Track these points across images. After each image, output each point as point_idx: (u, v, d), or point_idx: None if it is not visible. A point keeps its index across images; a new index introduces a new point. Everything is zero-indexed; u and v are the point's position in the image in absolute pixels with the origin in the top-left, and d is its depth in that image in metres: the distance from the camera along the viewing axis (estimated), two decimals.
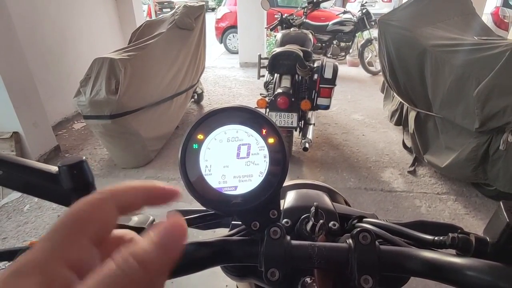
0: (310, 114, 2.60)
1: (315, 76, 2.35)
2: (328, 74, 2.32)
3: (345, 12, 5.54)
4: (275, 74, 2.56)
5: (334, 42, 5.30)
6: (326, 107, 2.46)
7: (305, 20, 3.71)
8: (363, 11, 5.07)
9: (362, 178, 2.55)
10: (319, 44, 5.30)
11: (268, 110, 2.33)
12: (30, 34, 3.10)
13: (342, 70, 4.42)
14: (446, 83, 2.18)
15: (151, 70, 2.75)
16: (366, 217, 0.45)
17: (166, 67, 2.97)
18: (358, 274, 0.32)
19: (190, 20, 3.30)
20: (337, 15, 5.62)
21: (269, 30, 3.81)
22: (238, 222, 0.44)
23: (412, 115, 2.67)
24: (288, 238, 0.35)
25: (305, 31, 3.12)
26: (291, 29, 3.28)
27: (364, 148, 3.01)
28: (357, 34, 5.31)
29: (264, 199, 0.34)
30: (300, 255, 0.34)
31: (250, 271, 0.41)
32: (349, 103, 4.11)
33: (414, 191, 2.39)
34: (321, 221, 0.39)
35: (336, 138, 3.21)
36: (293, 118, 2.34)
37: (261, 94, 2.89)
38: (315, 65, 2.38)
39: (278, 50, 2.44)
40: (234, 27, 6.80)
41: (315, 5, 3.89)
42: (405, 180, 2.53)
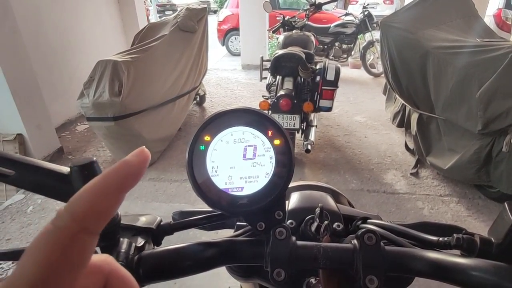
0: (312, 116, 2.60)
1: (317, 78, 2.36)
2: (330, 76, 2.32)
3: (347, 14, 5.54)
4: (277, 76, 2.57)
5: (336, 44, 5.31)
6: (328, 109, 2.46)
7: (307, 22, 3.72)
8: (365, 13, 5.07)
9: (365, 180, 2.54)
10: (321, 46, 5.31)
11: (270, 112, 2.33)
12: (35, 36, 3.13)
13: (344, 72, 4.42)
14: (448, 85, 2.18)
15: (154, 72, 2.76)
16: (370, 218, 0.46)
17: (168, 69, 2.98)
18: (363, 274, 0.32)
19: (192, 22, 3.31)
20: (339, 17, 5.62)
21: (271, 32, 3.82)
22: (243, 223, 0.45)
23: (414, 117, 2.66)
24: (293, 238, 0.35)
25: (307, 33, 3.13)
26: (293, 31, 3.29)
27: (366, 150, 3.01)
28: (359, 36, 5.31)
29: (270, 200, 0.35)
30: (305, 256, 0.34)
31: (255, 272, 0.42)
32: (351, 105, 4.11)
33: (416, 193, 2.38)
34: (326, 222, 0.40)
35: (338, 140, 3.21)
36: (295, 120, 2.34)
37: (263, 96, 2.89)
38: (317, 67, 2.39)
39: (280, 52, 2.44)
40: (236, 29, 6.82)
41: (317, 7, 3.89)
42: (407, 182, 2.52)
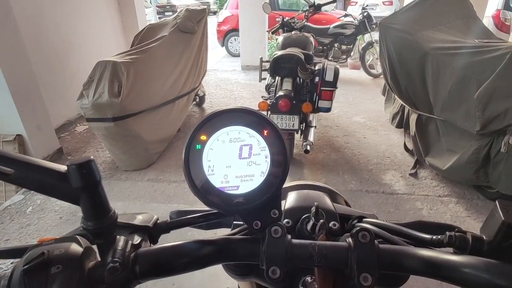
0: (311, 117, 2.61)
1: (316, 78, 2.36)
2: (329, 76, 2.33)
3: (346, 15, 5.55)
4: (277, 77, 2.58)
5: (335, 45, 5.31)
6: (328, 110, 2.47)
7: (306, 23, 3.72)
8: (364, 14, 5.08)
9: (364, 181, 2.55)
10: (321, 47, 5.32)
11: (269, 112, 2.34)
12: (35, 37, 3.13)
13: (343, 73, 4.44)
14: (447, 86, 2.18)
15: (154, 73, 2.77)
16: (366, 217, 0.46)
17: (168, 70, 2.99)
18: (357, 272, 0.32)
19: (192, 23, 3.32)
20: (338, 18, 5.64)
21: (270, 33, 3.83)
22: (240, 222, 0.45)
23: (413, 118, 2.67)
24: (289, 237, 0.35)
25: (306, 34, 3.14)
26: (293, 32, 3.29)
27: (365, 150, 3.01)
28: (358, 37, 5.32)
29: (265, 199, 0.35)
30: (300, 254, 0.34)
31: (252, 270, 0.42)
32: (350, 106, 4.12)
33: (415, 194, 2.38)
34: (321, 220, 0.40)
35: (337, 140, 3.21)
36: (294, 121, 2.35)
37: (262, 97, 2.90)
38: (316, 68, 2.40)
39: (280, 53, 2.45)
40: (235, 30, 6.83)
41: (316, 8, 3.91)
42: (406, 182, 2.52)
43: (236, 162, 0.35)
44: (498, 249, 0.32)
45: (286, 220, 0.46)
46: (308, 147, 2.36)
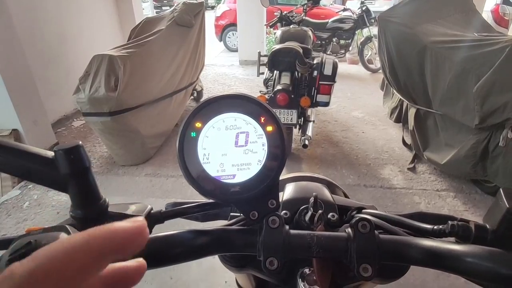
0: (309, 111, 2.59)
1: (315, 73, 2.35)
2: (327, 70, 2.31)
3: (344, 9, 5.52)
4: (275, 71, 2.55)
5: (334, 39, 5.28)
6: (326, 104, 2.45)
7: (304, 17, 3.69)
8: (363, 9, 5.05)
9: (362, 175, 2.55)
10: (319, 41, 5.29)
11: None
12: (30, 31, 3.09)
13: (342, 67, 4.41)
14: (446, 80, 2.17)
15: (151, 67, 2.74)
16: (365, 208, 0.45)
17: (165, 64, 2.96)
18: (357, 263, 0.31)
19: (189, 17, 3.28)
20: (336, 13, 5.61)
21: (268, 27, 3.80)
22: (237, 213, 0.44)
23: (412, 112, 2.66)
24: (286, 227, 0.34)
25: (304, 29, 3.11)
26: (291, 26, 3.27)
27: (363, 145, 3.01)
28: (356, 32, 5.29)
29: (262, 188, 0.34)
30: (298, 244, 0.33)
31: (249, 262, 0.41)
32: (348, 101, 4.11)
33: (413, 188, 2.39)
34: (319, 211, 0.39)
35: (335, 135, 3.21)
36: (292, 115, 2.34)
37: (260, 92, 2.88)
38: (315, 62, 2.38)
39: (278, 47, 2.43)
40: (233, 25, 6.79)
41: (315, 2, 3.88)
42: (404, 177, 2.52)
43: (232, 150, 0.34)
44: (502, 237, 0.31)
45: (284, 211, 0.45)
46: (306, 142, 2.35)
